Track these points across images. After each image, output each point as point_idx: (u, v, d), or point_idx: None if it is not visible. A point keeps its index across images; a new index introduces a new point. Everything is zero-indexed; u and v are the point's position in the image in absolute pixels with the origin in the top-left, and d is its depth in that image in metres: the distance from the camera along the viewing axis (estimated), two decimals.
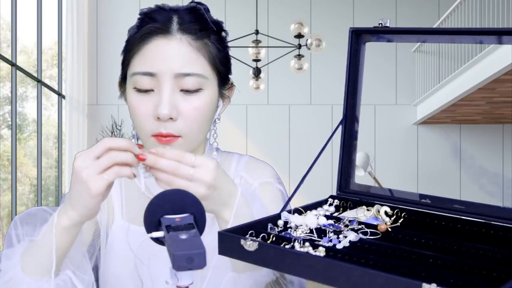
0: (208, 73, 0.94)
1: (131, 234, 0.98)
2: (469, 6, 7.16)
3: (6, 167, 7.10)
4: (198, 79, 0.93)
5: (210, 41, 0.95)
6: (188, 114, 0.92)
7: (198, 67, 0.93)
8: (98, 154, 0.80)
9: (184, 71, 0.91)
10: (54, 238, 0.84)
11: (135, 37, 0.94)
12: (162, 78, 0.91)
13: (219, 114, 1.01)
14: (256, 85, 6.66)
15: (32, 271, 0.86)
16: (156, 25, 0.92)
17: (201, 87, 0.93)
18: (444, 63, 7.80)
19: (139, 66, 0.92)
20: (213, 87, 0.96)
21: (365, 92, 0.92)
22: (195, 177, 0.81)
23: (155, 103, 0.91)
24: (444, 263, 0.72)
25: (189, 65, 0.92)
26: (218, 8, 8.16)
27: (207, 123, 0.97)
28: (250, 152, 1.08)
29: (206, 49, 0.94)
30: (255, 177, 1.06)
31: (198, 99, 0.93)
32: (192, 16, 0.95)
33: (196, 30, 0.94)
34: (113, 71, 8.33)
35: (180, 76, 0.91)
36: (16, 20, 6.67)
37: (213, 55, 0.95)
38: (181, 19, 0.93)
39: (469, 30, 0.90)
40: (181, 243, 0.67)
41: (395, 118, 8.93)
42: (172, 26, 0.93)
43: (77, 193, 0.81)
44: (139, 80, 0.92)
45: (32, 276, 0.86)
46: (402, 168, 8.85)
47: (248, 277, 0.90)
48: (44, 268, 0.85)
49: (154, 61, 0.91)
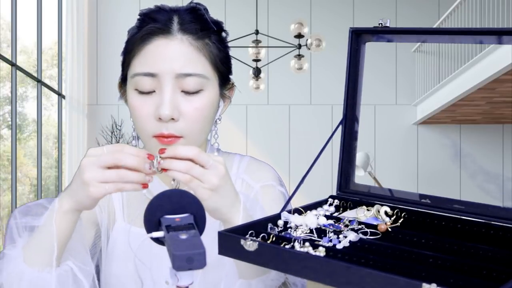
0: (209, 73, 0.94)
1: (132, 235, 0.98)
2: (469, 6, 7.16)
3: (6, 167, 7.10)
4: (199, 80, 0.92)
5: (211, 41, 0.95)
6: (189, 114, 0.92)
7: (199, 67, 0.92)
8: (107, 164, 0.80)
9: (185, 71, 0.91)
10: (55, 225, 0.84)
11: (135, 38, 0.93)
12: (163, 78, 0.90)
13: (220, 115, 1.00)
14: (256, 85, 6.66)
15: (34, 262, 0.85)
16: (156, 25, 0.92)
17: (202, 87, 0.93)
18: (444, 63, 7.80)
19: (140, 66, 0.92)
20: (214, 87, 0.96)
21: (365, 92, 0.92)
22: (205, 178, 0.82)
23: (156, 104, 0.91)
24: (444, 263, 0.72)
25: (190, 65, 0.91)
26: (218, 8, 8.15)
27: (208, 123, 0.97)
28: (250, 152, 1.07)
29: (207, 49, 0.94)
30: (256, 179, 1.06)
31: (200, 100, 0.93)
32: (192, 16, 0.94)
33: (197, 30, 0.93)
34: (113, 71, 8.34)
35: (181, 76, 0.91)
36: (16, 20, 6.66)
37: (214, 55, 0.95)
38: (182, 19, 0.93)
39: (469, 30, 0.89)
40: (181, 243, 0.67)
41: (395, 118, 8.93)
42: (173, 26, 0.92)
43: (76, 187, 0.82)
44: (140, 81, 0.92)
45: (34, 267, 0.85)
46: (402, 168, 8.84)
47: (258, 282, 0.90)
48: (46, 257, 0.85)
49: (155, 61, 0.91)
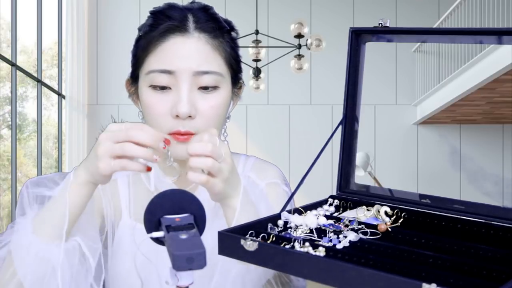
0: (224, 71, 0.96)
1: (137, 232, 0.98)
2: (469, 6, 7.16)
3: (6, 167, 7.10)
4: (215, 77, 0.93)
5: (225, 39, 0.96)
6: (206, 112, 0.93)
7: (216, 65, 0.94)
8: (120, 141, 0.81)
9: (202, 69, 0.92)
10: (68, 196, 0.84)
11: (151, 35, 0.94)
12: (180, 76, 0.91)
13: (229, 113, 1.01)
14: (256, 85, 6.66)
15: (43, 233, 0.85)
16: (173, 23, 0.93)
17: (218, 85, 0.94)
18: (444, 63, 7.80)
19: (157, 63, 0.92)
20: (228, 85, 0.97)
21: (365, 92, 0.92)
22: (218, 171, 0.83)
23: (172, 101, 0.92)
24: (444, 263, 0.72)
25: (207, 63, 0.93)
26: (218, 8, 8.07)
27: (222, 121, 0.98)
28: (250, 152, 1.08)
29: (222, 47, 0.95)
30: (262, 177, 1.07)
31: (215, 97, 0.94)
32: (207, 15, 0.96)
33: (213, 28, 0.95)
34: (113, 71, 8.35)
35: (198, 74, 0.92)
36: (16, 20, 6.66)
37: (228, 53, 0.96)
38: (197, 18, 0.94)
39: (469, 30, 0.90)
40: (181, 243, 0.67)
41: (395, 118, 8.93)
42: (189, 24, 0.93)
43: (91, 159, 0.83)
44: (156, 77, 0.92)
45: (43, 238, 0.85)
46: (402, 168, 8.84)
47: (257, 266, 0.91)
48: (56, 229, 0.85)
49: (172, 59, 0.92)
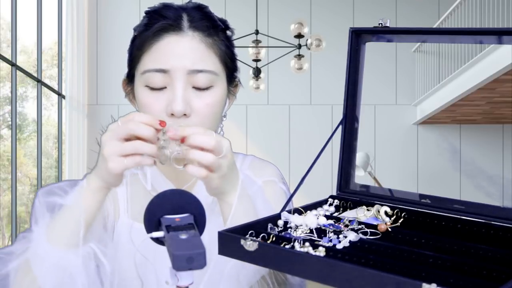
0: (219, 70, 0.96)
1: (135, 231, 0.98)
2: (469, 6, 7.16)
3: (6, 167, 7.10)
4: (210, 76, 0.94)
5: (219, 38, 0.97)
6: (201, 110, 0.93)
7: (210, 64, 0.94)
8: (123, 136, 0.81)
9: (197, 67, 0.92)
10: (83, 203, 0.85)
11: (145, 35, 0.94)
12: (175, 74, 0.91)
13: (225, 112, 1.02)
14: (256, 85, 6.66)
15: (58, 242, 0.85)
16: (168, 22, 0.93)
17: (213, 83, 0.94)
18: (444, 63, 7.80)
19: (151, 63, 0.93)
20: (223, 84, 0.97)
21: (365, 92, 0.92)
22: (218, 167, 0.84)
23: (167, 100, 0.92)
24: (444, 263, 0.72)
25: (202, 62, 0.93)
26: (218, 8, 8.09)
27: (217, 119, 0.98)
28: (250, 152, 1.08)
29: (216, 46, 0.96)
30: (259, 175, 1.07)
31: (210, 96, 0.94)
32: (201, 14, 0.96)
33: (207, 27, 0.95)
34: (113, 71, 8.35)
35: (193, 72, 0.92)
36: (16, 20, 6.66)
37: (223, 52, 0.97)
38: (191, 17, 0.94)
39: (469, 30, 0.90)
40: (181, 243, 0.67)
41: (395, 118, 8.93)
42: (183, 23, 0.94)
43: (100, 164, 0.84)
44: (151, 77, 0.92)
45: (59, 246, 0.85)
46: (402, 168, 8.84)
47: None
48: (71, 237, 0.85)
49: (166, 58, 0.92)
